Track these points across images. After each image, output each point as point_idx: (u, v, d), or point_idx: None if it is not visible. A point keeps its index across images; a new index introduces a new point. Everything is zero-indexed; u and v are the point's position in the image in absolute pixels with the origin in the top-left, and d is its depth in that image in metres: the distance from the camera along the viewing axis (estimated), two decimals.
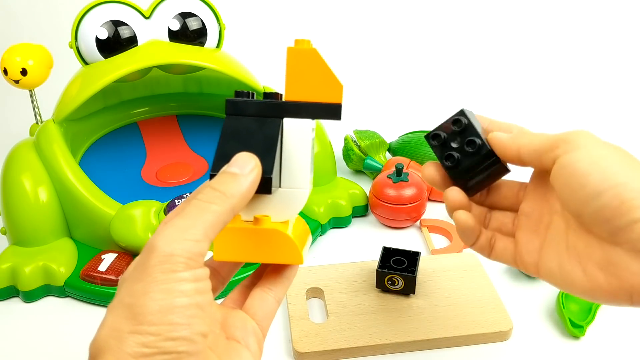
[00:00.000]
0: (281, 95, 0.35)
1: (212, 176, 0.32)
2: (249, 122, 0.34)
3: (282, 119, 0.35)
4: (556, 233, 0.38)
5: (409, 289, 0.54)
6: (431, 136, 0.40)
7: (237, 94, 0.35)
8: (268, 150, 0.33)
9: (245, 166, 0.32)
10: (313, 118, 0.35)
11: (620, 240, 0.33)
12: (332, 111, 0.35)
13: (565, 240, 0.37)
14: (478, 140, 0.39)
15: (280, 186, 0.36)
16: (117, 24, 0.64)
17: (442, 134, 0.40)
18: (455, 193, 0.40)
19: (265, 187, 0.33)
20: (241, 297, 0.37)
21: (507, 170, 0.40)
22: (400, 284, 0.54)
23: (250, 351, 0.34)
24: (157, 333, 0.28)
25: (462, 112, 0.40)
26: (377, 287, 0.55)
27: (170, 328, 0.28)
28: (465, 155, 0.39)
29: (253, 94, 0.35)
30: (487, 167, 0.39)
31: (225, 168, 0.32)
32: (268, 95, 0.35)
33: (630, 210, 0.32)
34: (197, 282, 0.29)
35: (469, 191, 0.40)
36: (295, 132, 0.35)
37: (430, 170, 0.42)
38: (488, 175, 0.40)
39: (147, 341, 0.27)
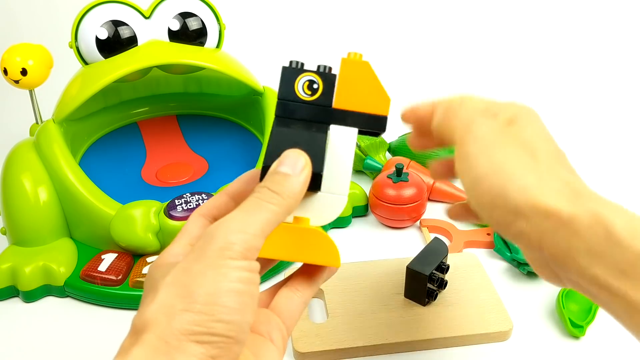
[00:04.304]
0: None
1: (264, 168, 0.34)
2: (297, 124, 0.36)
3: (329, 124, 0.36)
4: None
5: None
6: None
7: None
8: (317, 148, 0.35)
9: (295, 165, 0.33)
10: (358, 127, 0.36)
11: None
12: (377, 122, 0.36)
13: None
14: None
15: (321, 190, 0.36)
16: (117, 24, 0.64)
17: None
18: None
19: (315, 183, 0.34)
20: (266, 298, 0.37)
21: None
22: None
23: (275, 345, 0.34)
24: (210, 313, 0.28)
25: None
26: None
27: (224, 310, 0.28)
28: None
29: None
30: None
31: (276, 167, 0.33)
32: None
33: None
34: (251, 273, 0.30)
35: None
36: (340, 139, 0.36)
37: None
38: None
39: (199, 319, 0.28)
